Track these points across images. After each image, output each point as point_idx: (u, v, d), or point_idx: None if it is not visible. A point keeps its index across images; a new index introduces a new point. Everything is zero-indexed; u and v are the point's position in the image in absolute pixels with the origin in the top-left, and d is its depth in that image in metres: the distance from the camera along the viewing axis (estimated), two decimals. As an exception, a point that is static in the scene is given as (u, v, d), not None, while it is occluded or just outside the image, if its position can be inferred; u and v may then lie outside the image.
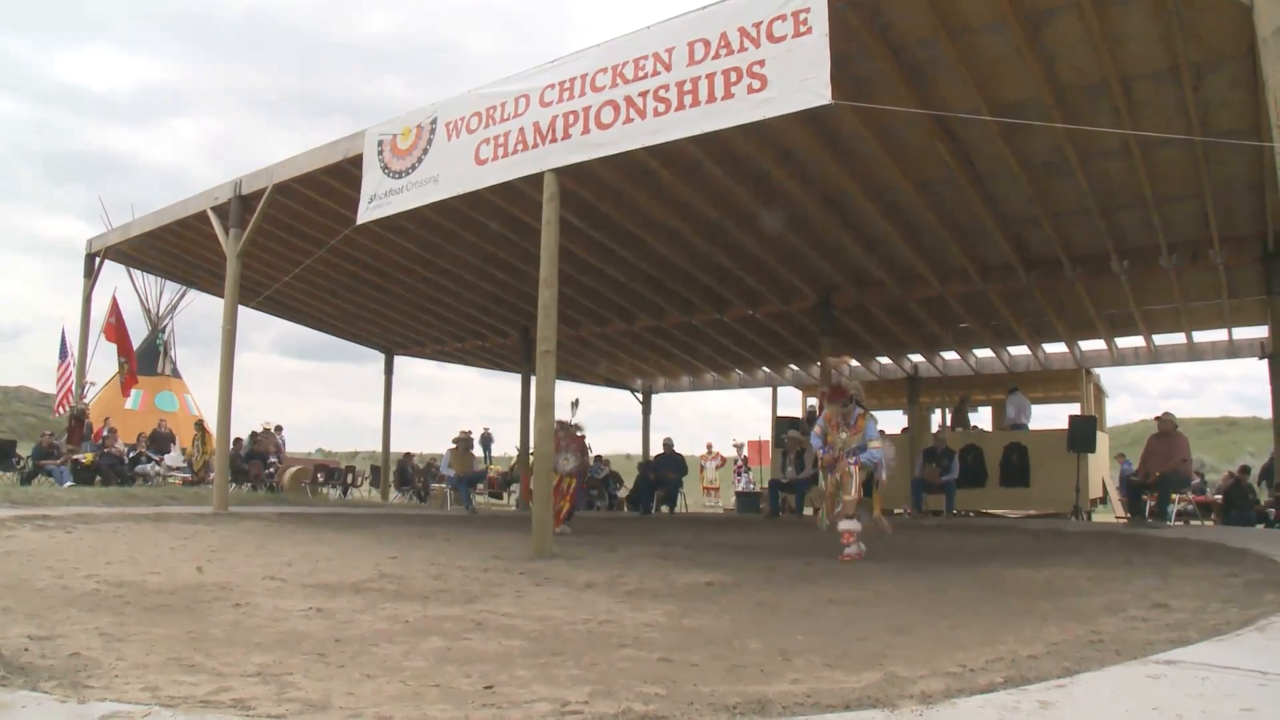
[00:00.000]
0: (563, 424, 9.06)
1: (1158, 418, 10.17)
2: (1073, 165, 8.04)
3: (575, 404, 9.55)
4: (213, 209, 10.42)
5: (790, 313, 12.82)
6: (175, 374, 19.66)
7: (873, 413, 7.02)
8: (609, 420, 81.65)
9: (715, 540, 8.71)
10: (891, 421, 22.07)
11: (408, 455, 18.99)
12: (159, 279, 17.97)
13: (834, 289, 11.95)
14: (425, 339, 16.73)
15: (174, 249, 12.68)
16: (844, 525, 6.52)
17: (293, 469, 15.67)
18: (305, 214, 10.77)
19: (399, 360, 17.56)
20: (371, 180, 8.56)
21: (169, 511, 9.05)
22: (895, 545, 7.86)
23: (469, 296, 13.67)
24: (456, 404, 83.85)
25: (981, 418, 15.38)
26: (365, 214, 8.66)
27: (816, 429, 6.85)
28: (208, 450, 14.69)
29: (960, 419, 14.69)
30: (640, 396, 19.90)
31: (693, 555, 6.96)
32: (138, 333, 17.43)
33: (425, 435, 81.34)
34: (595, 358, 17.47)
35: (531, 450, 9.59)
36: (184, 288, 17.90)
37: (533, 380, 8.83)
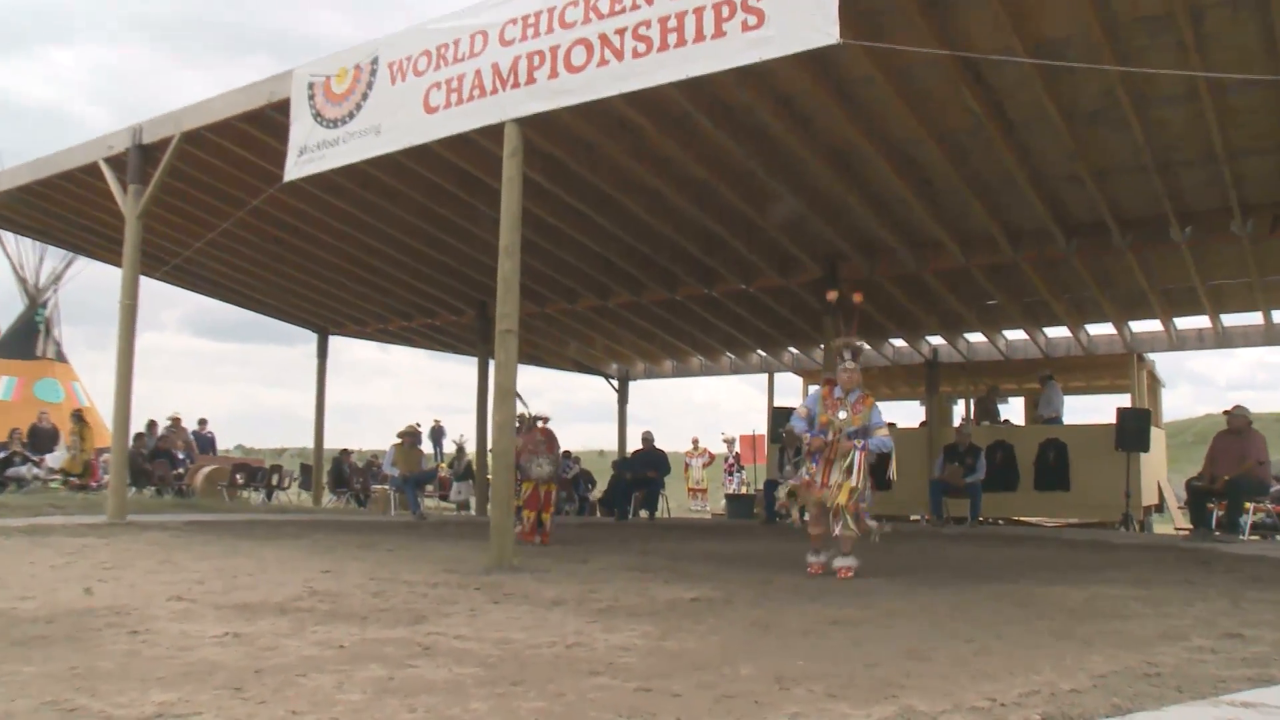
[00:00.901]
0: (526, 420, 9.02)
1: (1227, 412, 10.18)
2: (1125, 113, 7.87)
3: (520, 399, 9.51)
4: (106, 161, 10.21)
5: (790, 288, 12.86)
6: (59, 357, 18.82)
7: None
8: (579, 411, 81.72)
9: (702, 550, 8.71)
10: (906, 414, 22.23)
11: (344, 452, 18.96)
12: (38, 244, 17.29)
13: (840, 260, 11.99)
14: (366, 316, 16.71)
15: (57, 208, 12.44)
16: (840, 562, 6.32)
17: (206, 469, 15.54)
18: (221, 168, 10.64)
19: (334, 341, 17.51)
20: (301, 130, 8.46)
21: (50, 523, 8.91)
22: (909, 557, 7.90)
23: (417, 267, 13.66)
24: (402, 392, 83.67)
25: (1012, 410, 15.55)
26: (294, 169, 8.58)
27: (801, 408, 6.54)
28: (87, 446, 14.52)
29: (987, 411, 14.78)
30: (616, 384, 19.96)
31: (676, 567, 6.96)
32: (10, 308, 17.03)
33: (365, 429, 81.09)
34: (564, 339, 17.49)
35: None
36: (70, 255, 17.43)
37: (491, 364, 8.77)
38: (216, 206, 11.41)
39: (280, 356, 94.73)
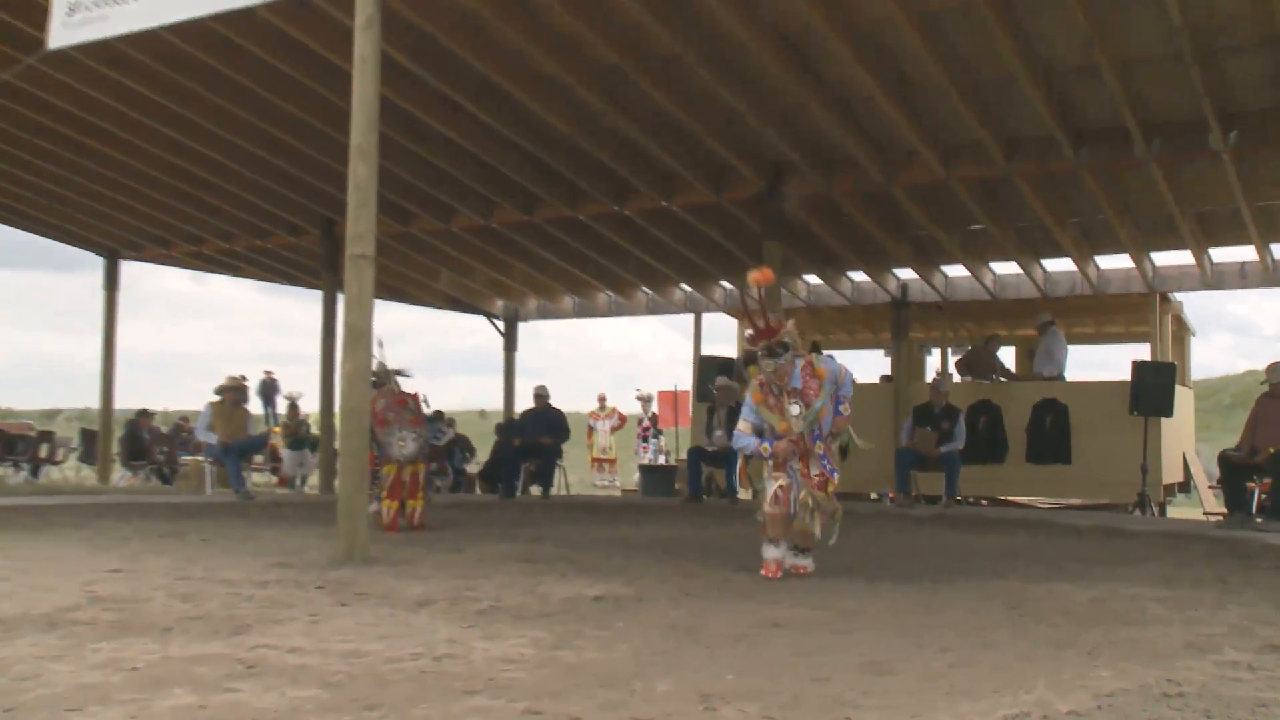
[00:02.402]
0: (383, 376, 8.94)
1: (1271, 367, 10.32)
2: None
3: (379, 344, 9.47)
4: None
5: (723, 205, 12.90)
6: None
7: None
8: (455, 360, 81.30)
9: (609, 535, 8.77)
10: (868, 366, 22.63)
11: (143, 414, 18.62)
12: None
13: (787, 172, 12.07)
14: (172, 236, 16.44)
15: None
16: (800, 560, 6.34)
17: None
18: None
19: (128, 269, 17.25)
20: (72, -22, 8.14)
21: None
22: (870, 545, 8.05)
23: (242, 173, 13.47)
24: (223, 336, 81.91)
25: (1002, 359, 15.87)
26: (63, 34, 8.28)
27: (743, 424, 6.46)
28: None
29: (984, 365, 14.96)
30: (502, 325, 19.93)
31: (575, 557, 6.99)
32: None
33: (172, 383, 79.19)
34: (435, 267, 17.31)
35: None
36: None
37: (340, 299, 8.61)
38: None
39: (53, 288, 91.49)
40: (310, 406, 17.09)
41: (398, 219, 14.39)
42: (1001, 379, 14.67)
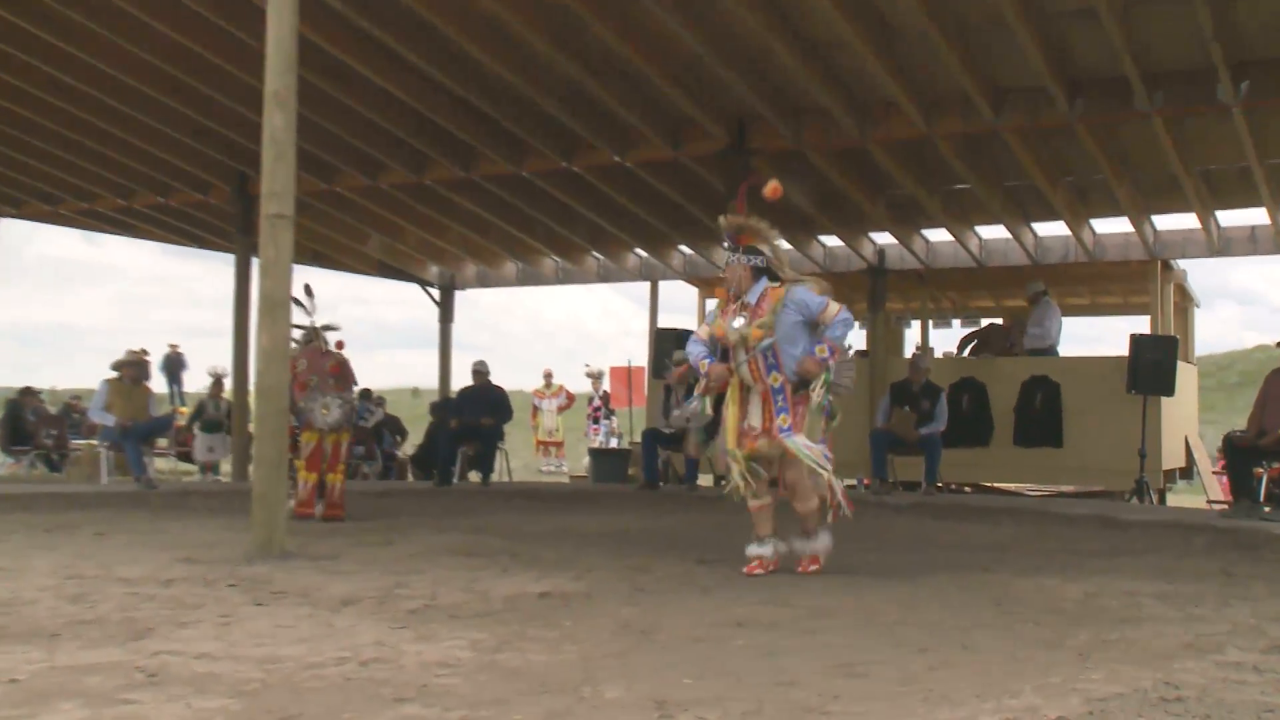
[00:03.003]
0: (306, 333, 8.86)
1: None
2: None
3: (307, 291, 9.51)
4: None
5: (683, 162, 12.89)
6: None
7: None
8: (385, 333, 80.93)
9: (556, 525, 8.82)
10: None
11: (27, 393, 18.41)
12: None
13: (753, 124, 12.08)
14: (60, 191, 16.27)
15: None
16: (809, 547, 6.17)
17: None
18: None
19: (8, 228, 17.03)
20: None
21: None
22: (842, 536, 8.09)
23: (142, 120, 13.32)
24: (119, 305, 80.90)
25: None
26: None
27: (703, 328, 6.41)
28: None
29: (994, 341, 14.99)
30: (437, 294, 19.85)
31: (519, 550, 7.02)
32: None
33: (62, 358, 78.10)
34: (363, 229, 17.18)
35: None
36: None
37: (255, 264, 8.51)
38: None
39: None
40: (223, 385, 16.92)
41: (319, 175, 14.25)
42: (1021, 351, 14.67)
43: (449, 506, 10.60)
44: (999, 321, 16.05)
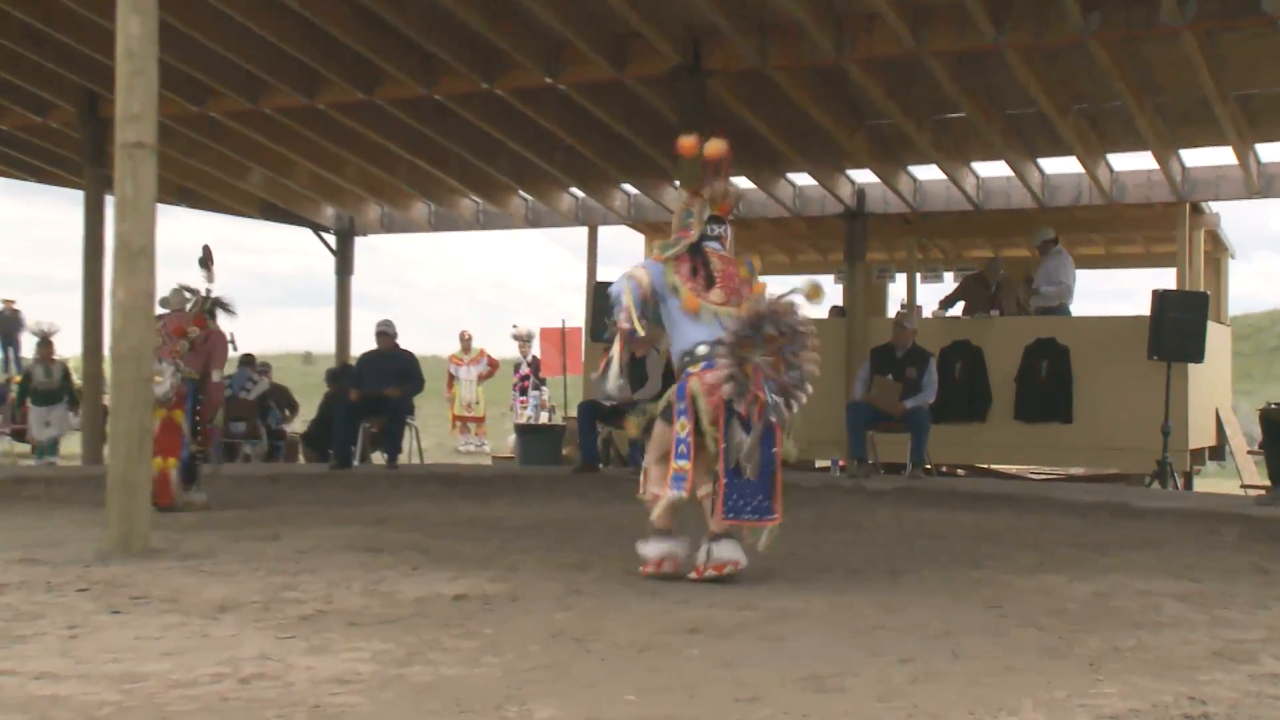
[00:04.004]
0: (195, 301, 8.90)
1: None
2: None
3: (206, 257, 9.59)
4: None
5: (627, 85, 12.87)
6: None
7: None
8: (271, 287, 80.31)
9: (476, 515, 8.83)
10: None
11: None
12: None
13: (708, 39, 12.06)
14: None
15: None
16: (726, 554, 5.96)
17: None
18: None
19: None
20: None
21: None
22: (815, 525, 8.19)
23: None
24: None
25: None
26: None
27: (639, 272, 6.25)
28: None
29: (975, 294, 15.08)
30: (332, 240, 19.76)
31: (432, 545, 7.04)
32: None
33: None
34: (242, 162, 17.02)
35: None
36: None
37: (109, 202, 8.41)
38: None
39: None
40: (69, 348, 16.72)
41: (189, 96, 14.02)
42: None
43: (348, 493, 10.58)
44: (978, 271, 15.95)
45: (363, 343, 16.60)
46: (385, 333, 14.24)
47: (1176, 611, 5.20)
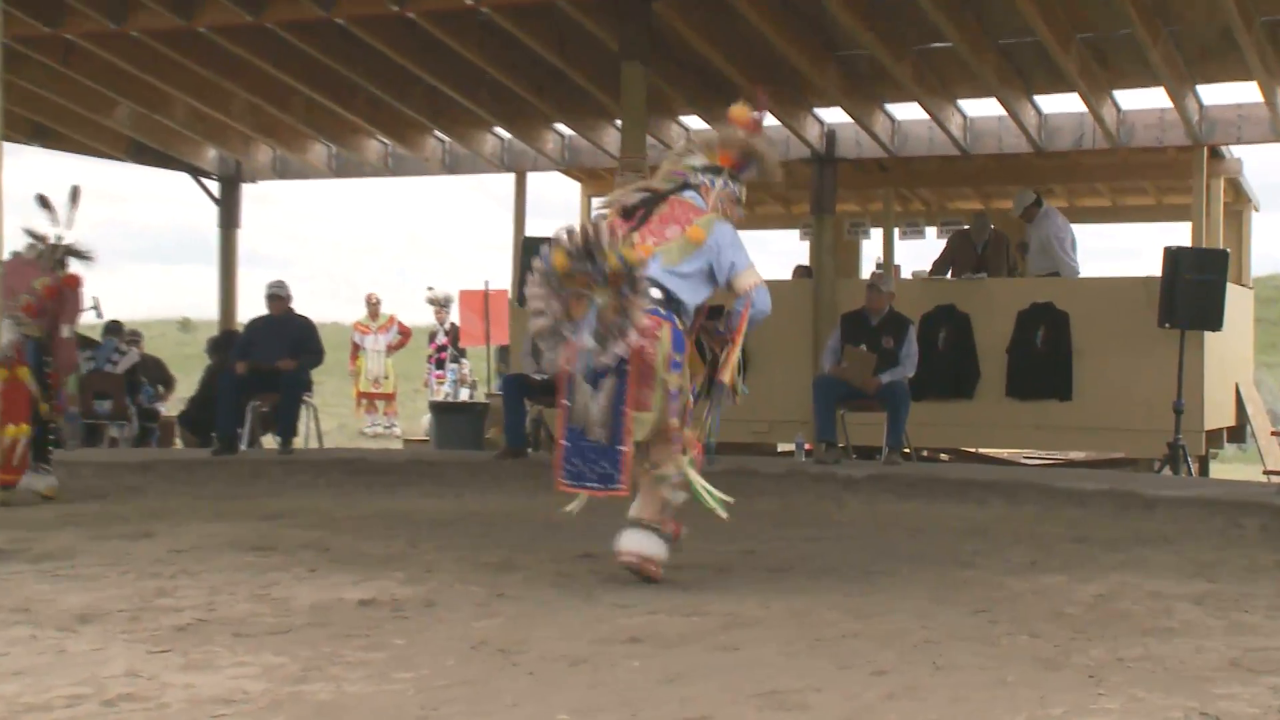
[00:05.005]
0: (52, 252, 8.99)
1: None
2: None
3: (75, 195, 9.65)
4: None
5: (559, 6, 12.83)
6: None
7: None
8: (144, 243, 79.55)
9: (384, 508, 8.88)
10: (776, 255, 22.82)
11: None
12: None
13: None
14: None
15: None
16: (633, 544, 5.98)
17: None
18: None
19: None
20: None
21: None
22: (773, 519, 8.23)
23: None
24: None
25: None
26: None
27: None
28: None
29: (961, 253, 15.19)
30: (216, 189, 19.61)
31: (332, 542, 7.06)
32: None
33: None
34: (107, 95, 16.85)
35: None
36: None
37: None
38: None
39: None
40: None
41: (40, 14, 13.69)
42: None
43: (234, 483, 10.54)
44: (964, 226, 16.05)
45: (251, 308, 16.58)
46: (277, 295, 14.16)
47: (1189, 616, 5.24)
